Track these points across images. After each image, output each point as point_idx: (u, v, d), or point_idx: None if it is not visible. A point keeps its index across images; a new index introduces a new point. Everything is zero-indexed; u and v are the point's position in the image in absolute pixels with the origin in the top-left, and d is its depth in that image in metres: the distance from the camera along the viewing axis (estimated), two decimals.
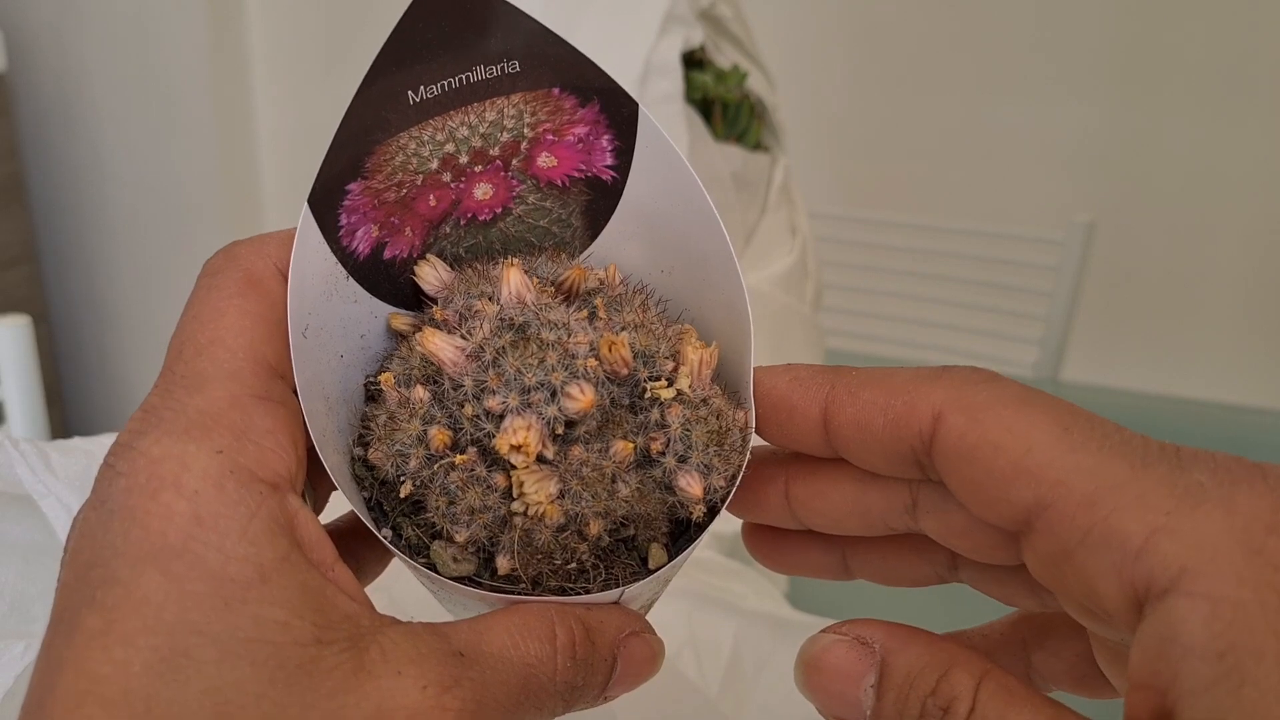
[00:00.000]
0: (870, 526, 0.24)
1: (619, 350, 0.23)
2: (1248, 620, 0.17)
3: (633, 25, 0.54)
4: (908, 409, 0.22)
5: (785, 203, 0.60)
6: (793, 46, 1.44)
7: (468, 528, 0.23)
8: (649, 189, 0.26)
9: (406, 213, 0.25)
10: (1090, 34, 1.37)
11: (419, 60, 0.24)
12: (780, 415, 0.24)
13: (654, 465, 0.23)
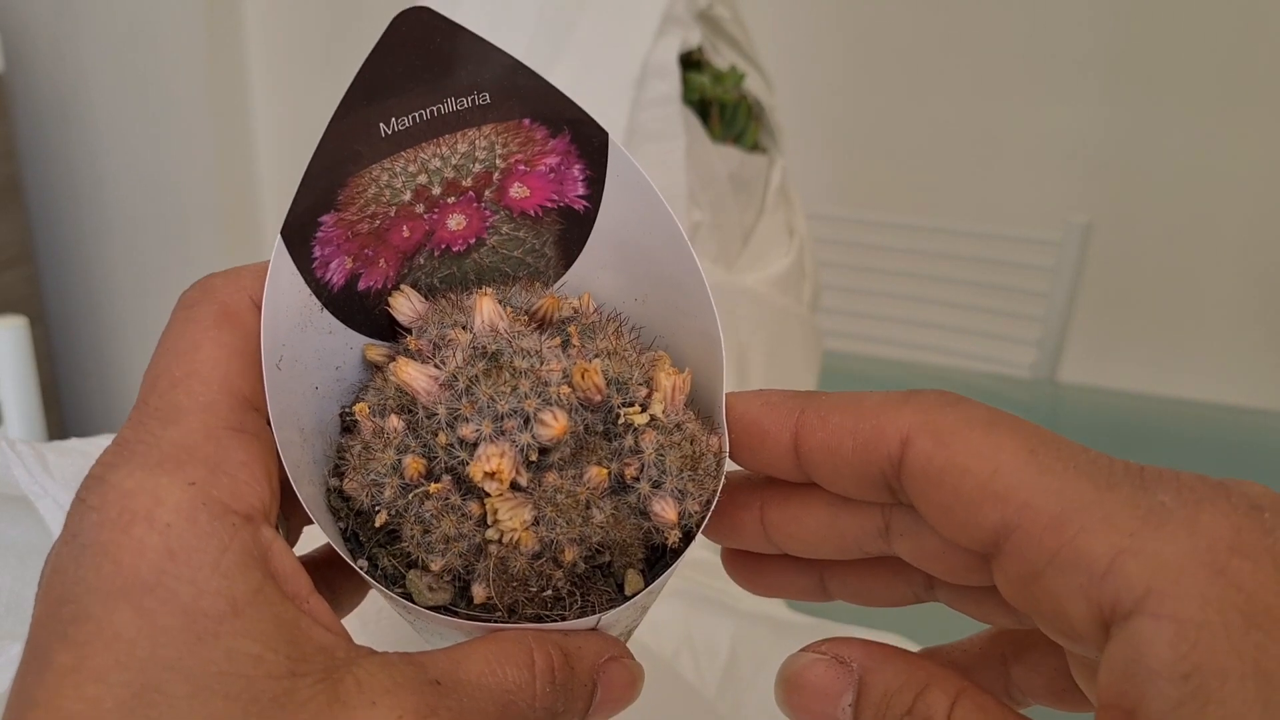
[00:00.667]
0: (845, 550, 0.24)
1: (591, 377, 0.23)
2: (1212, 641, 0.17)
3: (630, 26, 0.54)
4: (876, 433, 0.22)
5: (783, 204, 0.60)
6: (790, 48, 1.44)
7: (443, 556, 0.23)
8: (621, 218, 0.26)
9: (380, 244, 0.25)
10: (1087, 35, 1.37)
11: (390, 93, 0.24)
12: (752, 440, 0.24)
13: (628, 491, 0.23)
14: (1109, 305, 1.37)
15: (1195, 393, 1.09)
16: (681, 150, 0.54)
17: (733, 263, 0.57)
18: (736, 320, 0.57)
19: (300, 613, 0.20)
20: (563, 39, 0.54)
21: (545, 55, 0.54)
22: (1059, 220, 1.11)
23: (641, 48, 0.53)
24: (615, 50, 0.54)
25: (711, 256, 0.55)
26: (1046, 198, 1.40)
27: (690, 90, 0.55)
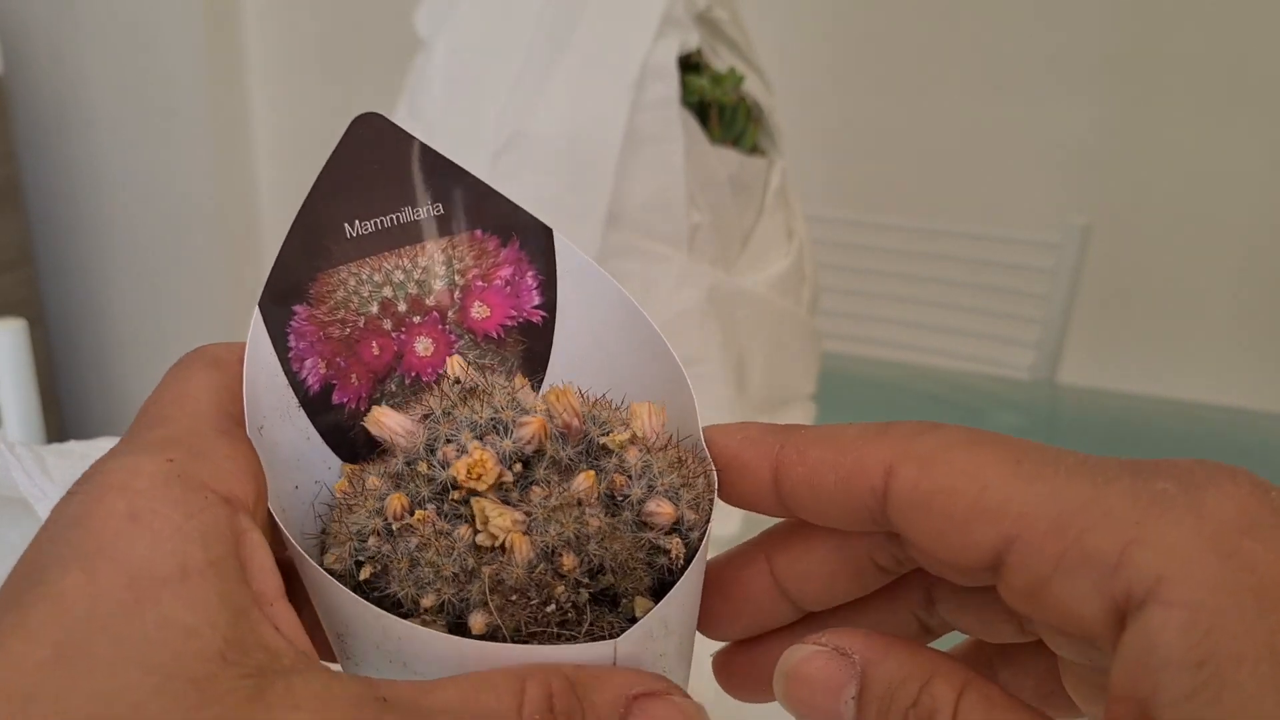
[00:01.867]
0: (861, 572, 0.24)
1: (567, 399, 0.22)
2: (1224, 625, 0.17)
3: (629, 29, 0.54)
4: (858, 465, 0.21)
5: (782, 206, 0.60)
6: (789, 50, 1.44)
7: (434, 589, 0.22)
8: (578, 318, 0.26)
9: (352, 357, 0.24)
10: (1086, 37, 1.37)
11: (354, 193, 0.24)
12: (732, 474, 0.23)
13: (621, 508, 0.23)
14: (1108, 307, 1.37)
15: (1194, 394, 1.09)
16: (681, 152, 0.54)
17: (732, 264, 0.57)
18: (736, 322, 0.57)
19: (254, 604, 0.19)
20: (562, 42, 0.54)
21: (545, 58, 0.54)
22: (1058, 222, 1.11)
23: (640, 50, 0.53)
24: (614, 53, 0.54)
25: (711, 259, 0.55)
26: (1045, 200, 1.40)
27: (689, 92, 0.55)
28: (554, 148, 0.54)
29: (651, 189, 0.54)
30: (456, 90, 0.57)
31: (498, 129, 0.54)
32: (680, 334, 0.55)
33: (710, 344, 0.56)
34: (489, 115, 0.55)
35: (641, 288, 0.55)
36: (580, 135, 0.53)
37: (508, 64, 0.55)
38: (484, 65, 0.56)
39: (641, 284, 0.55)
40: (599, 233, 0.53)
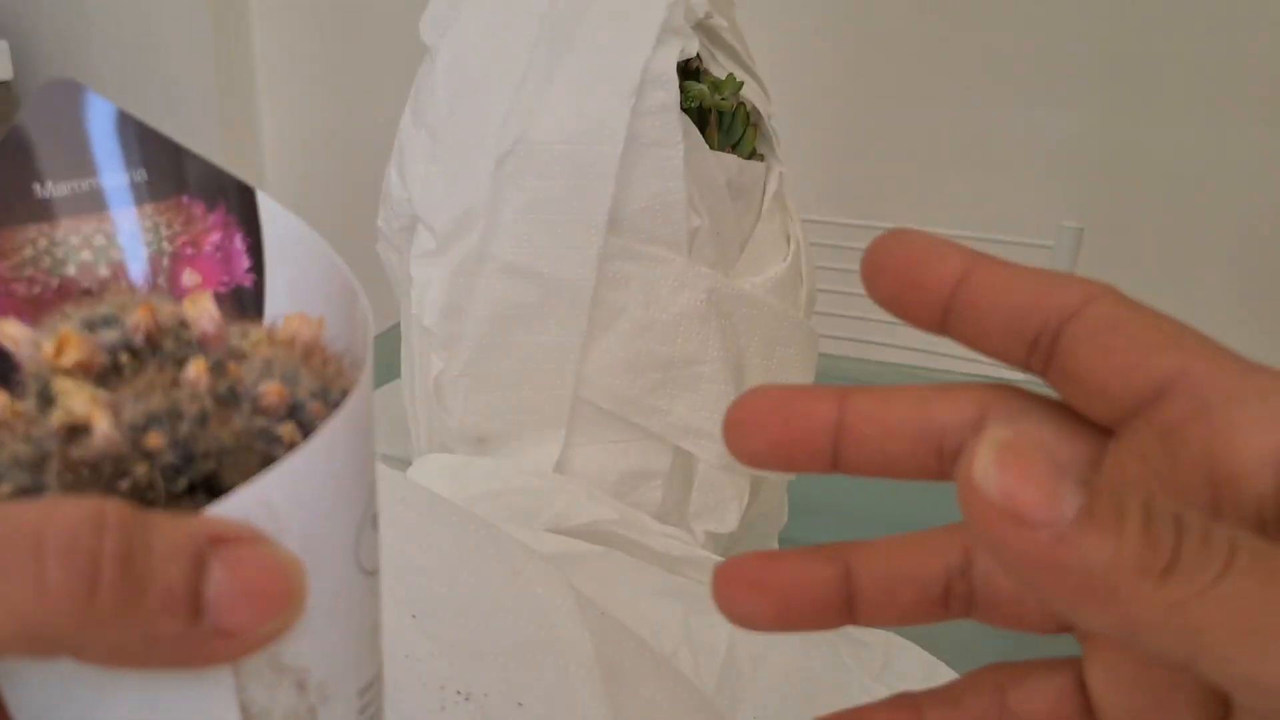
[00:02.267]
0: (919, 442, 0.22)
1: (203, 304, 0.21)
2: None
3: (630, 36, 0.55)
4: (1059, 284, 0.21)
5: (779, 210, 0.61)
6: (786, 56, 1.44)
7: (11, 476, 0.19)
8: (286, 278, 0.25)
9: (40, 315, 0.23)
10: (1079, 41, 1.37)
11: (44, 154, 0.23)
12: (919, 262, 0.22)
13: (239, 399, 0.20)
14: None
15: None
16: (680, 157, 0.54)
17: (731, 267, 0.58)
18: (734, 324, 0.57)
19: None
20: (563, 48, 0.55)
21: (547, 65, 0.55)
22: (1051, 224, 1.11)
23: (640, 57, 0.54)
24: (615, 59, 0.54)
25: (710, 261, 0.56)
26: (1039, 202, 1.40)
27: (689, 98, 0.56)
28: (556, 153, 0.54)
29: (651, 193, 0.54)
30: (460, 96, 0.57)
31: (501, 134, 0.55)
32: (679, 335, 0.56)
33: (709, 345, 0.56)
34: (492, 121, 0.56)
35: (641, 290, 0.55)
36: (581, 140, 0.54)
37: (510, 70, 0.56)
38: (487, 72, 0.57)
39: (641, 286, 0.55)
40: (600, 236, 0.54)
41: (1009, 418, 0.22)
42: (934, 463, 0.22)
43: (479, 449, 0.59)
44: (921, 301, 0.22)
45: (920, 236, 0.22)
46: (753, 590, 0.23)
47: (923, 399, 0.23)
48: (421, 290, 0.59)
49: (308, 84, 1.85)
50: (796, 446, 0.23)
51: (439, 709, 0.33)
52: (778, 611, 0.23)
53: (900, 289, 0.22)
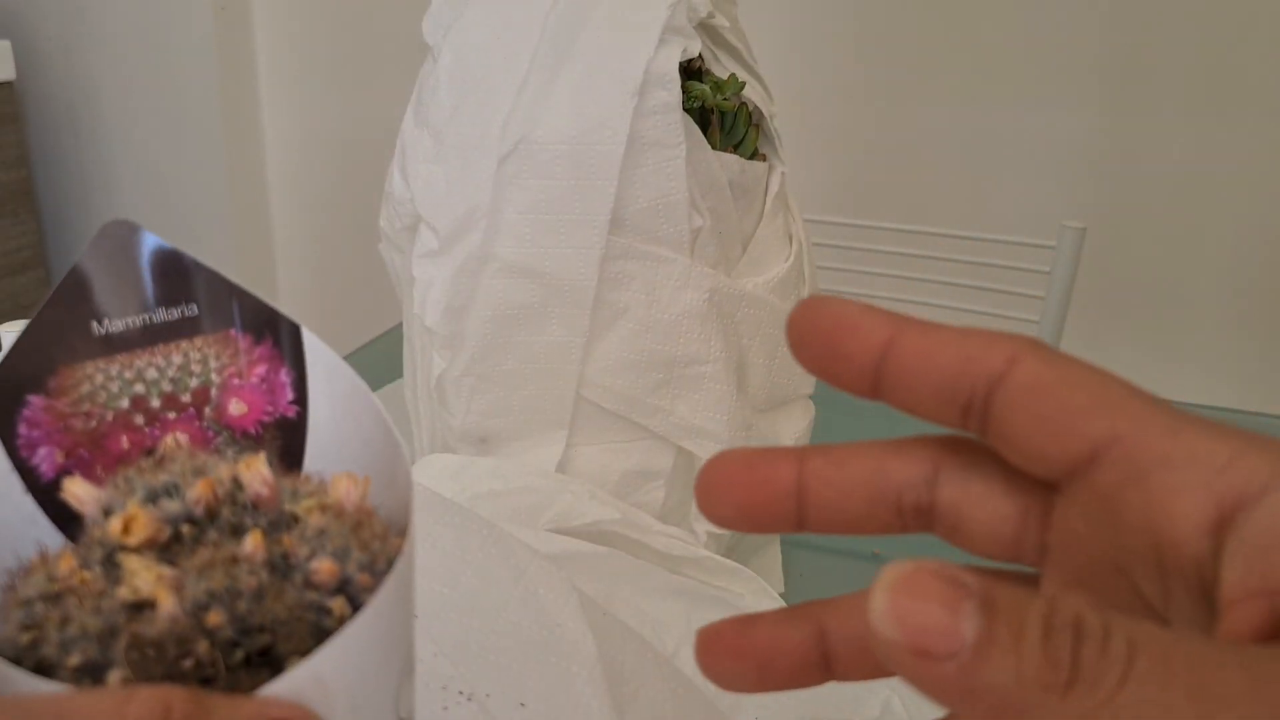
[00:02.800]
0: (881, 505, 0.23)
1: (256, 467, 0.22)
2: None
3: (632, 36, 0.55)
4: (983, 347, 0.21)
5: (781, 210, 0.61)
6: (788, 56, 1.44)
7: (80, 648, 0.20)
8: (327, 411, 0.26)
9: (97, 449, 0.25)
10: (1080, 42, 1.37)
11: (102, 294, 0.25)
12: (842, 331, 0.22)
13: (294, 570, 0.22)
14: (1103, 308, 1.37)
15: (1188, 395, 1.09)
16: (683, 157, 0.54)
17: (733, 267, 0.58)
18: (737, 324, 0.57)
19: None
20: (566, 49, 0.55)
21: (549, 65, 0.55)
22: (1053, 225, 1.11)
23: (643, 57, 0.54)
24: (617, 59, 0.54)
25: (712, 261, 0.56)
26: (1041, 202, 1.40)
27: (691, 98, 0.56)
28: (558, 153, 0.54)
29: (654, 193, 0.54)
30: (462, 97, 0.57)
31: (503, 135, 0.55)
32: (682, 335, 0.56)
33: (711, 345, 0.56)
34: (494, 121, 0.56)
35: (644, 290, 0.55)
36: (584, 140, 0.54)
37: (513, 71, 0.56)
38: (489, 72, 0.57)
39: (644, 286, 0.55)
40: (602, 236, 0.54)
41: (960, 470, 0.23)
42: (895, 519, 0.23)
43: (481, 449, 0.59)
44: (849, 371, 0.22)
45: (840, 305, 0.22)
46: (732, 657, 0.24)
47: (877, 458, 0.23)
48: (424, 290, 0.59)
49: (310, 84, 1.85)
50: (762, 510, 0.23)
51: (442, 709, 0.33)
52: (758, 675, 0.24)
53: (827, 359, 0.22)
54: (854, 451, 0.24)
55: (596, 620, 0.41)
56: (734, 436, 0.57)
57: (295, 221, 1.93)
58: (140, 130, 1.85)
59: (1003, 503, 0.22)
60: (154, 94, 1.82)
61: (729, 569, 0.55)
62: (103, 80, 1.84)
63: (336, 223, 1.90)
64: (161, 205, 1.88)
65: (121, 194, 1.89)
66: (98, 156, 1.89)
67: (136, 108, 1.84)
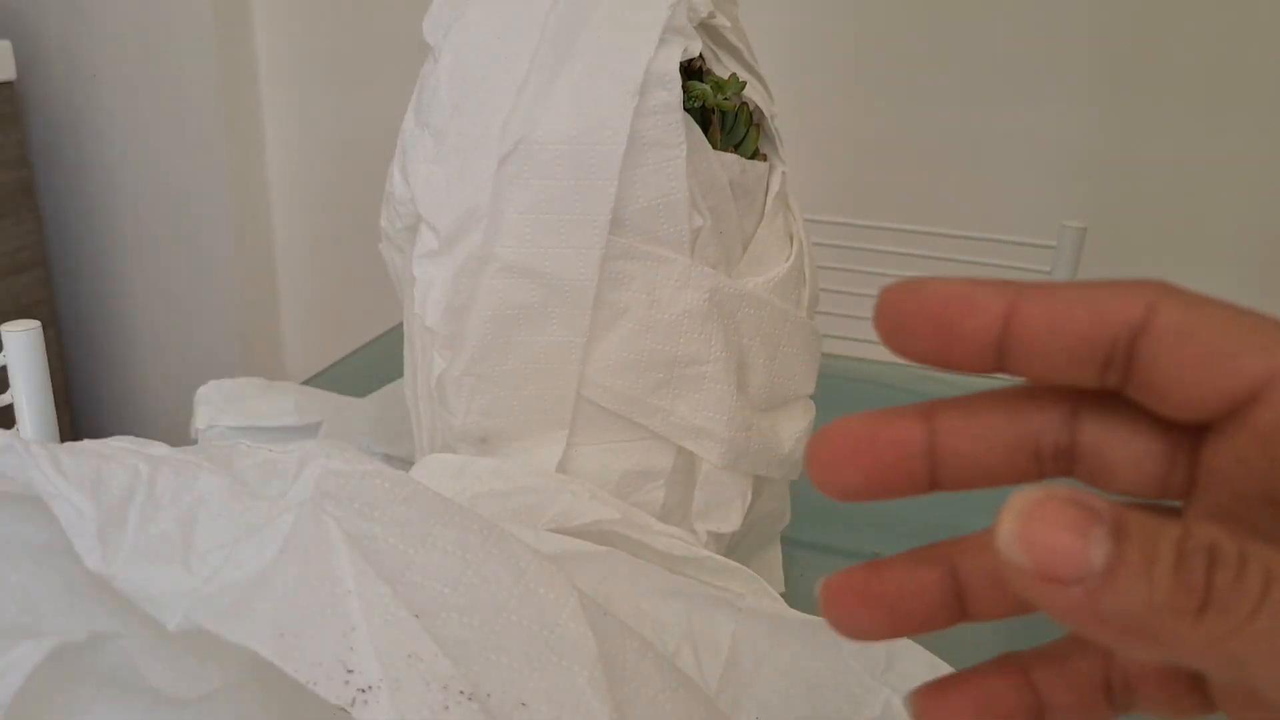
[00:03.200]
0: (1021, 452, 0.22)
1: None
2: None
3: (633, 36, 0.55)
4: (1115, 299, 0.20)
5: (782, 209, 0.61)
6: (789, 56, 1.44)
7: None
8: None
9: None
10: (1080, 43, 1.37)
11: None
12: (954, 314, 0.21)
13: None
14: None
15: None
16: (683, 157, 0.54)
17: (733, 267, 0.58)
18: (737, 323, 0.57)
19: None
20: (566, 49, 0.55)
21: (549, 65, 0.55)
22: (1054, 224, 1.11)
23: (644, 57, 0.54)
24: (617, 59, 0.54)
25: (712, 261, 0.56)
26: (1042, 203, 1.40)
27: (691, 98, 0.56)
28: (558, 153, 0.54)
29: (654, 193, 0.54)
30: (462, 97, 0.57)
31: (503, 135, 0.55)
32: (682, 335, 0.56)
33: (712, 345, 0.56)
34: (495, 121, 0.56)
35: (644, 290, 0.55)
36: (584, 140, 0.54)
37: (513, 71, 0.56)
38: (489, 72, 0.57)
39: (644, 286, 0.55)
40: (602, 236, 0.54)
41: (1100, 409, 0.22)
42: (1033, 466, 0.23)
43: (481, 449, 0.59)
44: (967, 351, 0.21)
45: (942, 284, 0.22)
46: (864, 605, 0.23)
47: (1011, 404, 0.23)
48: (424, 290, 0.59)
49: (310, 84, 1.85)
50: (893, 474, 0.23)
51: (442, 709, 0.33)
52: (891, 621, 0.23)
53: (941, 343, 0.21)
54: (985, 401, 0.23)
55: (597, 620, 0.41)
56: (734, 436, 0.57)
57: (295, 221, 1.93)
58: (141, 130, 1.85)
59: (1148, 440, 0.22)
60: (155, 94, 1.82)
61: (729, 569, 0.55)
62: (104, 80, 1.84)
63: (337, 223, 1.90)
64: (162, 205, 1.88)
65: (122, 194, 1.89)
66: (98, 156, 1.89)
67: (138, 108, 1.84)
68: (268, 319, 1.96)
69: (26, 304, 1.76)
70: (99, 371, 2.02)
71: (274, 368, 1.99)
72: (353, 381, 0.88)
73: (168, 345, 1.95)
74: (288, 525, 0.35)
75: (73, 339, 2.00)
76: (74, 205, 1.94)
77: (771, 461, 0.60)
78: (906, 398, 0.81)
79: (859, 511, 0.80)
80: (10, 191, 1.71)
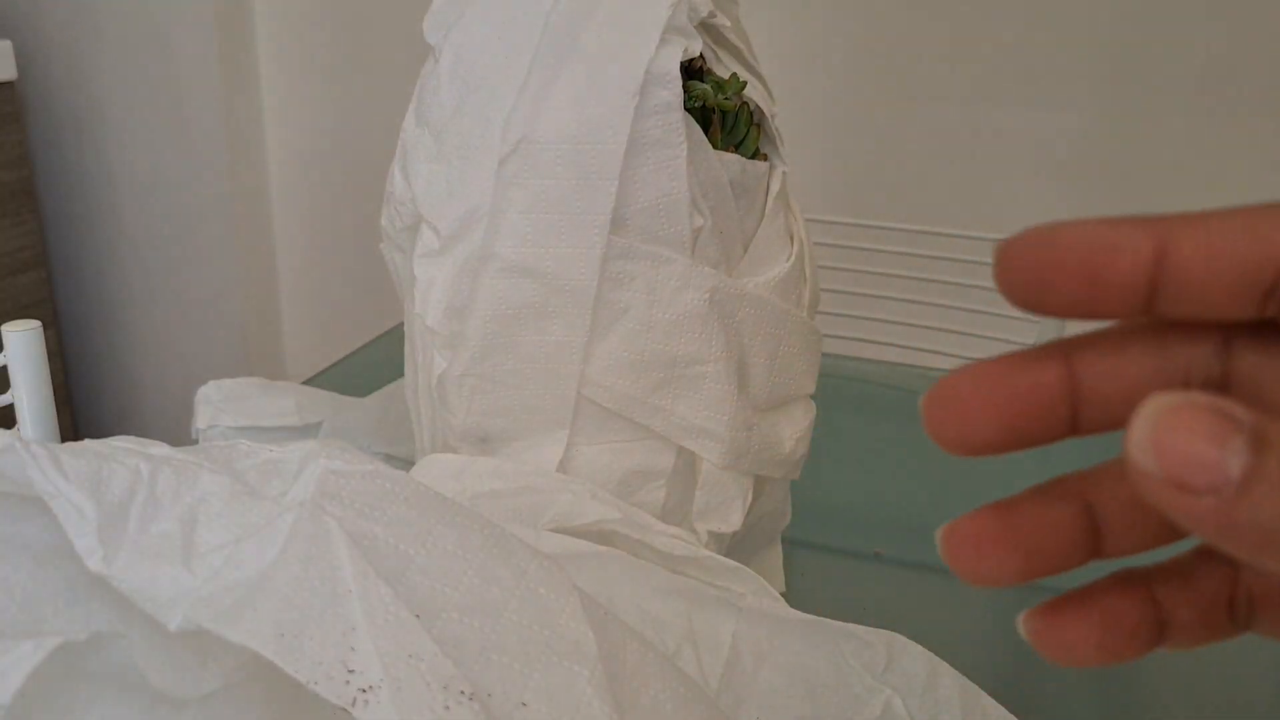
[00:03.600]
0: (1165, 386, 0.21)
1: None
2: None
3: (633, 36, 0.55)
4: (1276, 222, 0.19)
5: (783, 209, 0.61)
6: (790, 56, 1.45)
7: None
8: None
9: None
10: (1082, 41, 1.37)
11: None
12: (1102, 256, 0.20)
13: None
14: None
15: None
16: (684, 157, 0.54)
17: (734, 267, 0.58)
18: (738, 323, 0.57)
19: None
20: (567, 49, 0.55)
21: (550, 65, 0.55)
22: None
23: (644, 56, 0.54)
24: (618, 59, 0.54)
25: (713, 261, 0.56)
26: (1042, 202, 1.41)
27: (692, 98, 0.56)
28: (559, 152, 0.54)
29: (655, 193, 0.54)
30: (463, 96, 0.57)
31: (504, 135, 0.55)
32: (683, 335, 0.56)
33: (712, 345, 0.56)
34: (495, 121, 0.56)
35: (645, 290, 0.55)
36: (585, 140, 0.54)
37: (514, 70, 0.56)
38: (490, 71, 0.57)
39: (645, 286, 0.55)
40: (603, 236, 0.54)
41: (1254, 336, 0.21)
42: None
43: (482, 449, 0.59)
44: (1113, 300, 0.20)
45: (1077, 228, 0.20)
46: (998, 548, 0.22)
47: (1156, 338, 0.21)
48: (425, 290, 0.59)
49: (311, 84, 1.85)
50: (1031, 424, 0.21)
51: (443, 709, 0.33)
52: (1025, 563, 0.22)
53: (1084, 296, 0.20)
54: (1127, 336, 0.22)
55: (598, 620, 0.41)
56: (735, 436, 0.57)
57: (296, 221, 1.93)
58: (142, 130, 1.85)
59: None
60: (156, 94, 1.82)
61: (730, 569, 0.55)
62: (104, 80, 1.84)
63: (337, 223, 1.90)
64: (163, 205, 1.88)
65: (123, 194, 1.89)
66: (99, 156, 1.89)
67: (138, 108, 1.84)
68: (268, 319, 1.96)
69: (26, 304, 1.76)
70: (99, 371, 2.02)
71: (274, 368, 1.99)
72: (353, 381, 0.88)
73: (168, 345, 1.95)
74: (288, 525, 0.35)
75: (73, 339, 2.00)
76: (74, 205, 1.94)
77: (772, 461, 0.60)
78: (906, 397, 0.81)
79: (859, 511, 0.80)
80: (10, 192, 1.71)
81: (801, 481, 0.66)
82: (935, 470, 0.81)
